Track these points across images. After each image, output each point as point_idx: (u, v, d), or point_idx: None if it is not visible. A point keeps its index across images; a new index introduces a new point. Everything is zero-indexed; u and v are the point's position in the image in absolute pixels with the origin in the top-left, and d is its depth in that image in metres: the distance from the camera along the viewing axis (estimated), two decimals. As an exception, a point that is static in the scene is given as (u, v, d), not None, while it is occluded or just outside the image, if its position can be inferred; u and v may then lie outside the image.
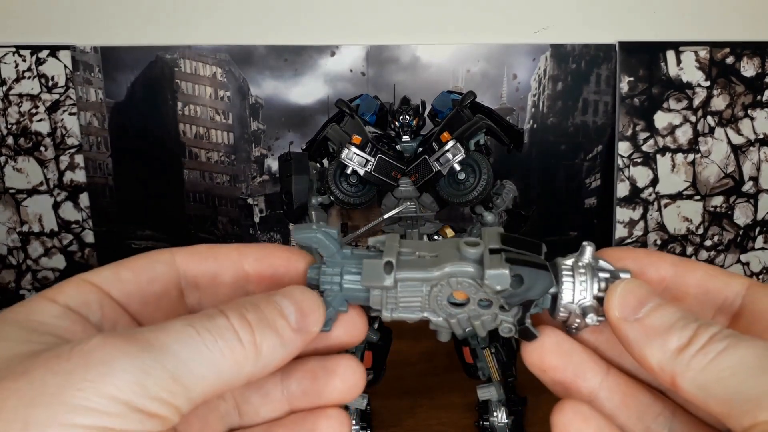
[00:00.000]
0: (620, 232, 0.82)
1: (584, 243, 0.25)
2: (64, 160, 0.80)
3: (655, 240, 0.83)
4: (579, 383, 0.25)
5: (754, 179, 0.82)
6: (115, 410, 0.19)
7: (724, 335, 0.21)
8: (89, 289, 0.24)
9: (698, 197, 0.82)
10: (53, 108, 0.79)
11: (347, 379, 0.26)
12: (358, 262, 0.25)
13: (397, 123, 0.52)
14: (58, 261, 0.83)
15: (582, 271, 0.24)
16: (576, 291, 0.24)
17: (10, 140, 0.79)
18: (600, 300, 0.24)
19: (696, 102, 0.80)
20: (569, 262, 0.25)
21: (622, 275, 0.24)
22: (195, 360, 0.20)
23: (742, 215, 0.83)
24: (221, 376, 0.21)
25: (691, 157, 0.81)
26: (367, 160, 0.49)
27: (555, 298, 0.25)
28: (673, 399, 0.26)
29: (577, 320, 0.24)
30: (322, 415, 0.26)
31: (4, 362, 0.19)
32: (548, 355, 0.25)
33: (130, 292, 0.25)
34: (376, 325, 0.55)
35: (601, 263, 0.25)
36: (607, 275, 0.25)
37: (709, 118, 0.80)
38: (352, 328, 0.26)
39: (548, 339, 0.25)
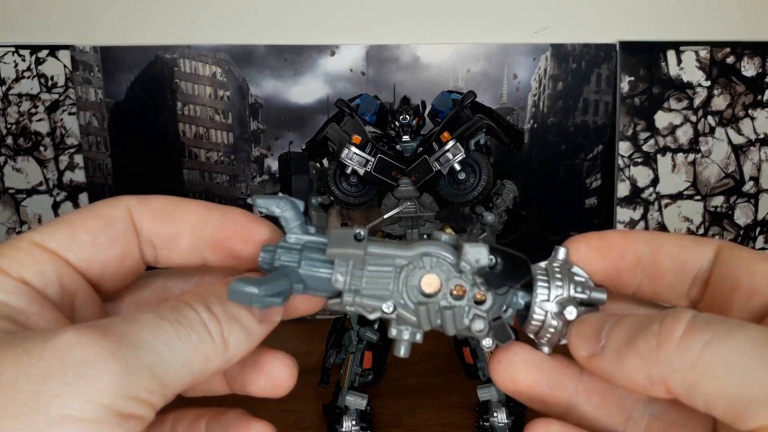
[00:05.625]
0: (620, 232, 0.82)
1: (557, 246, 0.24)
2: (64, 159, 0.80)
3: (656, 240, 0.83)
4: (556, 395, 0.24)
5: (755, 179, 0.82)
6: (97, 416, 0.17)
7: (706, 321, 0.18)
8: (45, 256, 0.22)
9: (699, 197, 0.82)
10: (53, 108, 0.79)
11: (272, 378, 0.25)
12: (322, 238, 0.23)
13: (397, 123, 0.52)
14: (58, 261, 0.83)
15: (557, 271, 0.23)
16: (552, 292, 0.22)
17: (9, 140, 0.79)
18: (580, 303, 0.22)
19: (696, 102, 0.80)
20: (543, 264, 0.23)
21: (595, 294, 0.23)
22: (171, 355, 0.19)
23: (742, 215, 0.83)
24: (192, 371, 0.20)
25: (691, 157, 0.81)
26: (367, 160, 0.49)
27: (527, 307, 0.23)
28: None
29: (550, 330, 0.23)
30: (247, 428, 0.25)
31: None
32: (520, 374, 0.24)
33: (89, 257, 0.23)
34: (375, 326, 0.55)
35: (576, 269, 0.24)
36: (582, 279, 0.23)
37: (710, 118, 0.80)
38: (278, 374, 0.25)
39: (516, 356, 0.24)
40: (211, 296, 0.21)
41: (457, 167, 0.49)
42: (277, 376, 0.25)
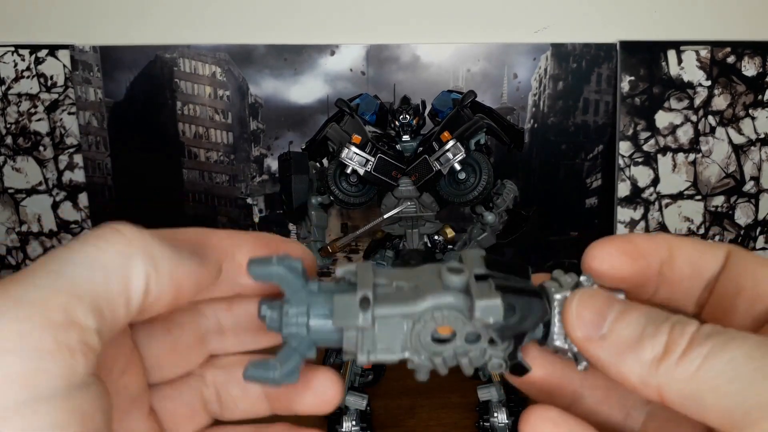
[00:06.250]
0: (621, 232, 0.82)
1: (582, 279, 0.23)
2: (63, 159, 0.80)
3: (656, 240, 0.83)
4: (563, 387, 0.24)
5: (755, 179, 0.82)
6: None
7: (705, 334, 0.19)
8: None
9: (699, 197, 0.82)
10: (52, 107, 0.79)
11: (321, 394, 0.24)
12: (327, 299, 0.22)
13: (397, 122, 0.52)
14: (57, 261, 0.83)
15: None
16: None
17: (9, 140, 0.79)
18: None
19: (697, 101, 0.79)
20: (560, 297, 0.22)
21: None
22: (72, 266, 0.18)
23: (743, 215, 0.82)
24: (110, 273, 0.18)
25: (692, 156, 0.81)
26: (367, 160, 0.49)
27: (547, 325, 0.22)
28: None
29: (569, 354, 0.22)
30: None
31: None
32: (534, 369, 0.24)
33: None
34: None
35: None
36: None
37: (710, 118, 0.80)
38: (324, 391, 0.24)
39: (531, 351, 0.24)
40: None
41: (458, 167, 0.49)
42: (323, 391, 0.24)
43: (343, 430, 0.52)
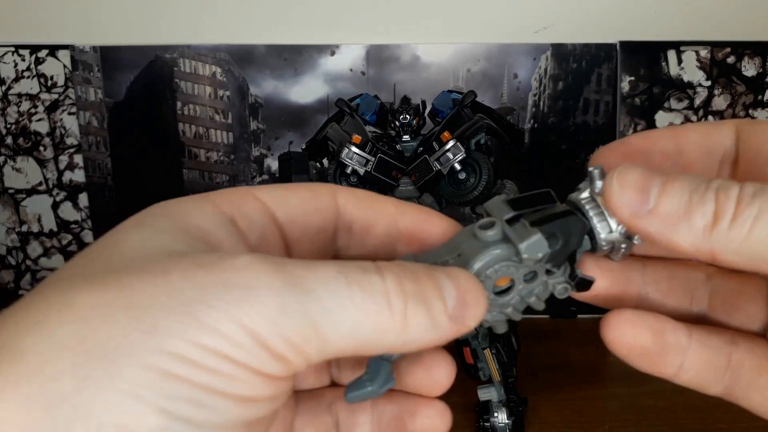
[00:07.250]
0: (621, 232, 0.82)
1: (591, 169, 0.23)
2: (63, 159, 0.80)
3: (656, 240, 0.83)
4: (628, 290, 0.25)
5: (755, 179, 0.82)
6: (243, 341, 0.17)
7: (750, 194, 0.19)
8: (257, 206, 0.23)
9: (699, 197, 0.82)
10: (52, 108, 0.79)
11: (431, 372, 0.25)
12: None
13: (397, 122, 0.52)
14: (58, 261, 0.83)
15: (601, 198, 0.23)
16: (609, 219, 0.22)
17: (9, 140, 0.79)
18: None
19: (697, 102, 0.79)
20: (586, 194, 0.23)
21: None
22: (338, 312, 0.18)
23: (743, 215, 0.83)
24: (360, 337, 0.19)
25: (692, 156, 0.81)
26: (368, 160, 0.49)
27: (591, 235, 0.23)
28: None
29: (622, 246, 0.23)
30: (423, 402, 0.25)
31: (150, 255, 0.18)
32: (597, 282, 0.24)
33: (294, 218, 0.24)
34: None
35: None
36: None
37: (710, 118, 0.80)
38: (433, 368, 0.25)
39: (589, 265, 0.24)
40: (406, 271, 0.20)
41: (458, 167, 0.49)
42: (435, 370, 0.25)
43: (344, 430, 0.52)
